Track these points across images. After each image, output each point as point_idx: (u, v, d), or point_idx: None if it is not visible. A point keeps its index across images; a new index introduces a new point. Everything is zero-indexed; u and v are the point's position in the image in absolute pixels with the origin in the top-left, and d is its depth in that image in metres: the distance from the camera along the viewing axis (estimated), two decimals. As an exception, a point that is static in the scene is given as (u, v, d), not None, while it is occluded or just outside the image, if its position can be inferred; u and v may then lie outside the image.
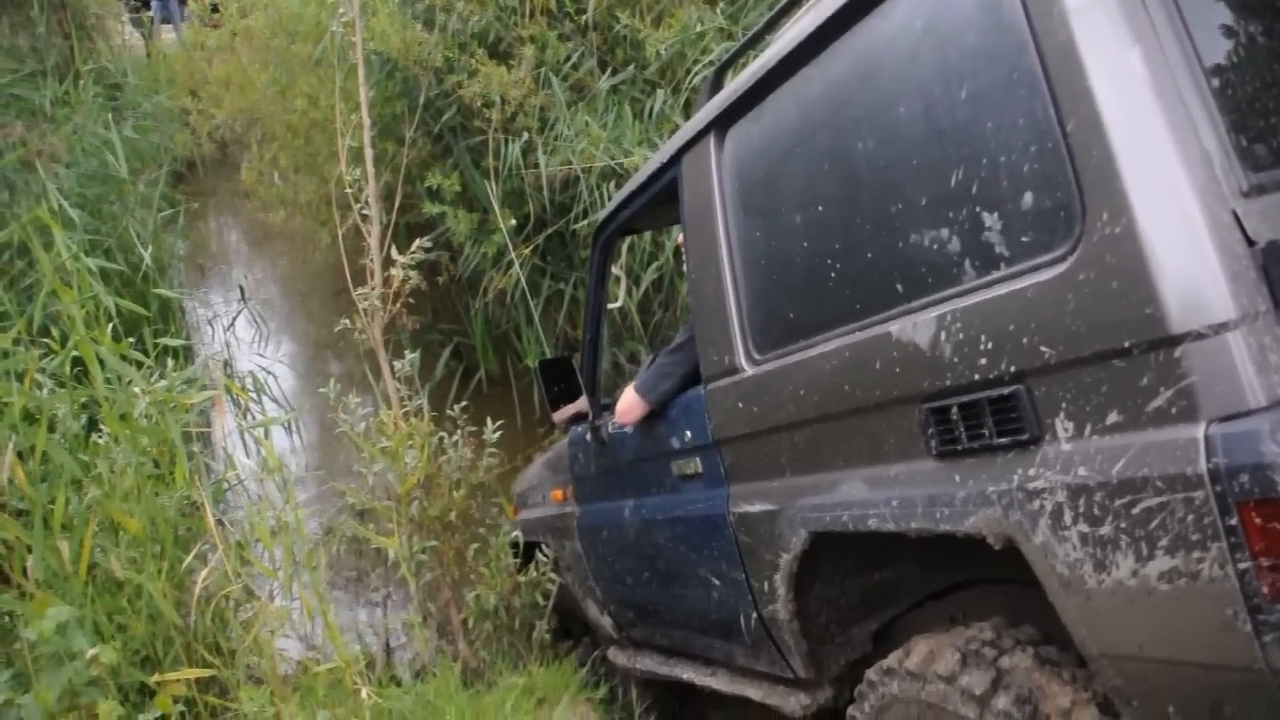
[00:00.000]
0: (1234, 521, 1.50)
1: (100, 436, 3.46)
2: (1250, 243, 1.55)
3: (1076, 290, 1.70)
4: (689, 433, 3.03)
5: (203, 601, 3.20)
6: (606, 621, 3.96)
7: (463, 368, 7.40)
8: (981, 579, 2.53)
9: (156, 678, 2.80)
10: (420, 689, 3.59)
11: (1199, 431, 1.54)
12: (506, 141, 6.37)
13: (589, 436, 3.74)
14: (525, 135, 6.29)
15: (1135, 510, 1.64)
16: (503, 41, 6.53)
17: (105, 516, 3.27)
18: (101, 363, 3.44)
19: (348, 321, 4.58)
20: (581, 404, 3.83)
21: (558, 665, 4.02)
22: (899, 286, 2.12)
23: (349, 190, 4.76)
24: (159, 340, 4.15)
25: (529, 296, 6.35)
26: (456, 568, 4.41)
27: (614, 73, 6.31)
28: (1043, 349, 1.78)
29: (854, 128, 2.25)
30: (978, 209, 1.90)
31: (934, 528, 2.04)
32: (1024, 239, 1.83)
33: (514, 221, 6.26)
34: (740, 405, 2.71)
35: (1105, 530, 1.70)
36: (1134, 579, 1.67)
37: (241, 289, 8.86)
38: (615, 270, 4.06)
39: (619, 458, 3.58)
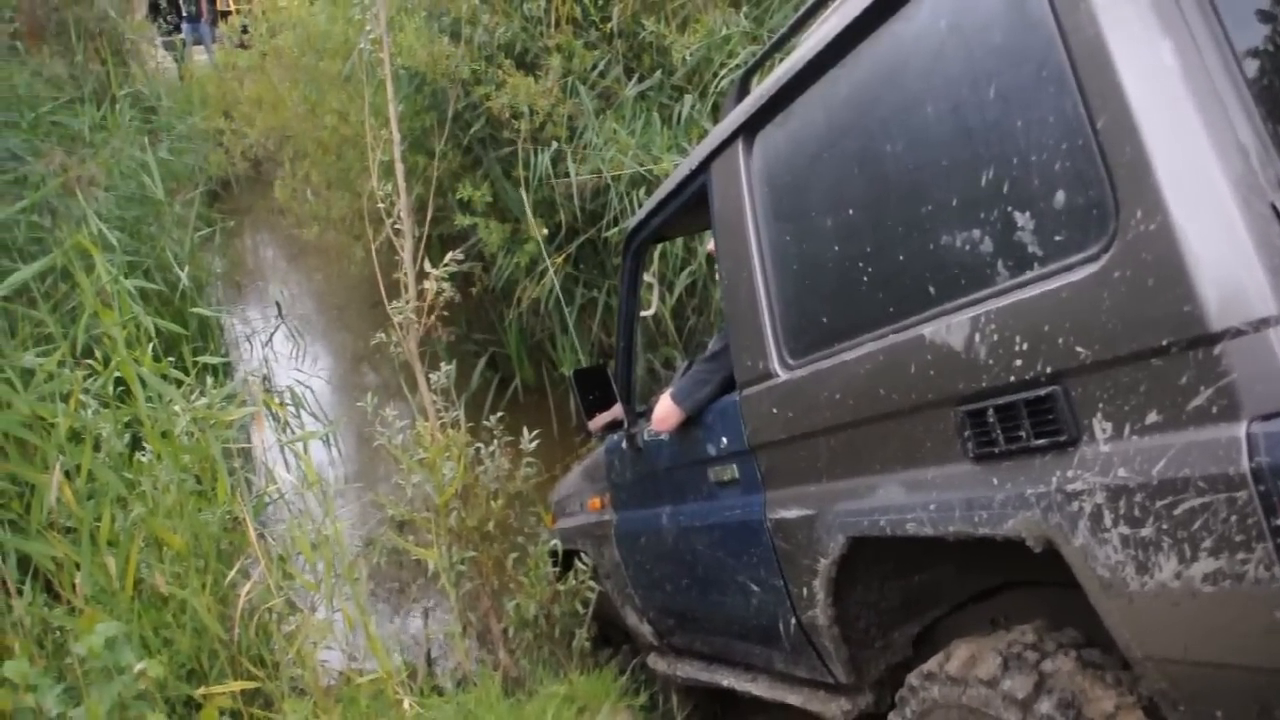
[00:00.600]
0: (1279, 522, 1.46)
1: (143, 454, 3.52)
2: None
3: (1112, 289, 1.67)
4: (725, 439, 3.02)
5: (246, 615, 3.23)
6: (646, 629, 3.96)
7: (498, 378, 7.43)
8: (1022, 582, 2.49)
9: (202, 690, 2.84)
10: (461, 699, 3.61)
11: (1241, 430, 1.50)
12: (536, 151, 6.40)
13: (625, 444, 3.74)
14: (554, 144, 6.32)
15: (1177, 511, 1.61)
16: (529, 52, 6.57)
17: (150, 533, 3.32)
18: (143, 382, 3.49)
19: (383, 335, 4.62)
20: (617, 412, 3.84)
21: (598, 673, 4.02)
22: (931, 289, 2.10)
23: (381, 204, 4.80)
24: (198, 358, 4.20)
25: (563, 305, 6.38)
26: (496, 577, 4.43)
27: (641, 79, 6.33)
28: (1079, 349, 1.75)
29: (882, 129, 2.23)
30: (1009, 209, 1.88)
31: (973, 531, 2.03)
32: (1057, 238, 1.80)
33: (546, 231, 6.29)
34: (775, 411, 2.70)
35: (1146, 532, 1.67)
36: (1177, 581, 1.64)
37: (278, 305, 8.97)
38: (647, 277, 4.03)
39: (655, 465, 3.57)
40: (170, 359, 3.80)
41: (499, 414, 4.66)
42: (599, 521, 4.08)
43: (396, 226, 4.82)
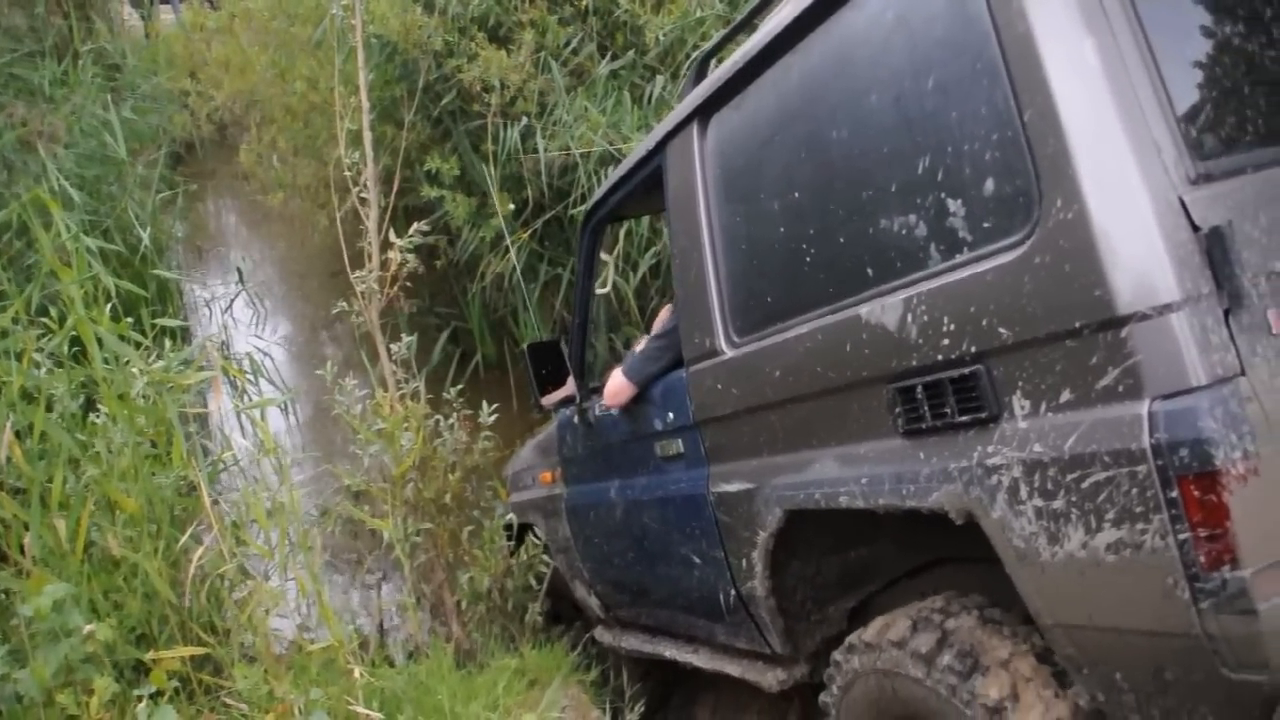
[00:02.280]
0: (1174, 494, 1.57)
1: (98, 416, 3.48)
2: (1195, 229, 1.62)
3: (1032, 273, 1.76)
4: (671, 414, 3.10)
5: (198, 581, 3.22)
6: (594, 601, 4.02)
7: (460, 351, 7.42)
8: (953, 557, 2.57)
9: (152, 655, 2.82)
10: (413, 670, 3.62)
11: (1143, 408, 1.61)
12: (505, 126, 6.37)
13: (576, 419, 3.79)
14: (524, 120, 6.29)
15: (1085, 484, 1.71)
16: (502, 26, 6.53)
17: (102, 495, 3.29)
18: (100, 342, 3.45)
19: (345, 304, 4.60)
20: (569, 387, 3.88)
21: (550, 648, 4.05)
22: (869, 270, 2.18)
23: (347, 173, 4.76)
24: (157, 321, 4.15)
25: (526, 281, 6.36)
26: (450, 550, 4.43)
27: (614, 58, 6.31)
28: (1001, 330, 1.84)
29: (829, 116, 2.30)
30: (943, 195, 1.96)
31: (900, 504, 2.11)
32: (985, 224, 1.89)
33: (512, 206, 6.27)
34: (720, 387, 2.78)
35: (1058, 504, 1.77)
36: (1083, 551, 1.74)
37: (239, 271, 8.87)
38: (604, 256, 4.13)
39: (605, 440, 3.64)
40: (129, 321, 3.74)
41: (459, 387, 4.65)
42: (550, 496, 4.14)
43: (362, 195, 4.78)
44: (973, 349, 1.91)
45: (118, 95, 8.89)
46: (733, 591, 2.90)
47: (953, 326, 1.95)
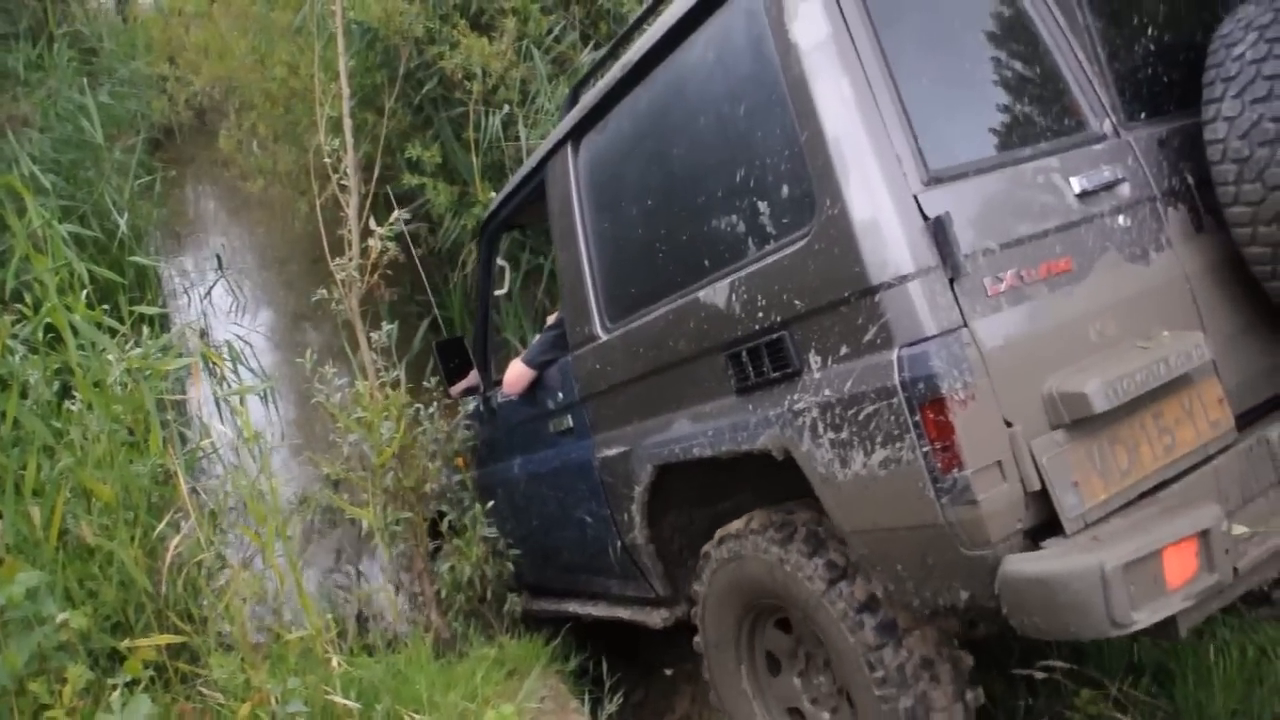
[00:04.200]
0: (917, 418, 2.06)
1: (73, 403, 3.44)
2: (925, 218, 2.11)
3: (814, 256, 2.26)
4: (561, 394, 3.58)
5: (174, 569, 3.19)
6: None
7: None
8: (798, 497, 2.87)
9: (127, 643, 2.80)
10: (391, 659, 3.60)
11: (893, 355, 2.11)
12: (487, 114, 6.34)
13: (481, 406, 4.31)
14: (506, 108, 6.26)
15: (860, 417, 2.19)
16: (484, 13, 6.49)
17: (77, 483, 3.26)
18: (75, 330, 3.41)
19: (325, 292, 4.56)
20: (473, 378, 4.38)
21: (529, 638, 4.04)
22: (705, 261, 2.67)
23: (328, 160, 4.72)
24: (134, 308, 4.11)
25: (508, 270, 6.33)
26: (433, 539, 4.42)
27: (596, 46, 6.28)
28: (796, 302, 2.33)
29: (669, 136, 2.80)
30: (754, 199, 2.47)
31: (737, 448, 2.58)
32: (784, 220, 2.38)
33: (494, 195, 6.23)
34: (598, 366, 3.26)
35: (844, 435, 2.24)
36: (864, 470, 2.21)
37: (219, 258, 8.80)
38: (500, 261, 4.57)
39: (506, 423, 4.12)
40: (105, 307, 3.70)
41: (439, 376, 4.63)
42: (460, 480, 4.48)
43: (343, 183, 4.74)
44: (778, 319, 2.39)
45: (94, 79, 8.78)
46: (619, 544, 3.36)
47: (764, 302, 2.43)
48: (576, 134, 3.31)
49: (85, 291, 3.73)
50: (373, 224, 4.43)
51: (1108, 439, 2.15)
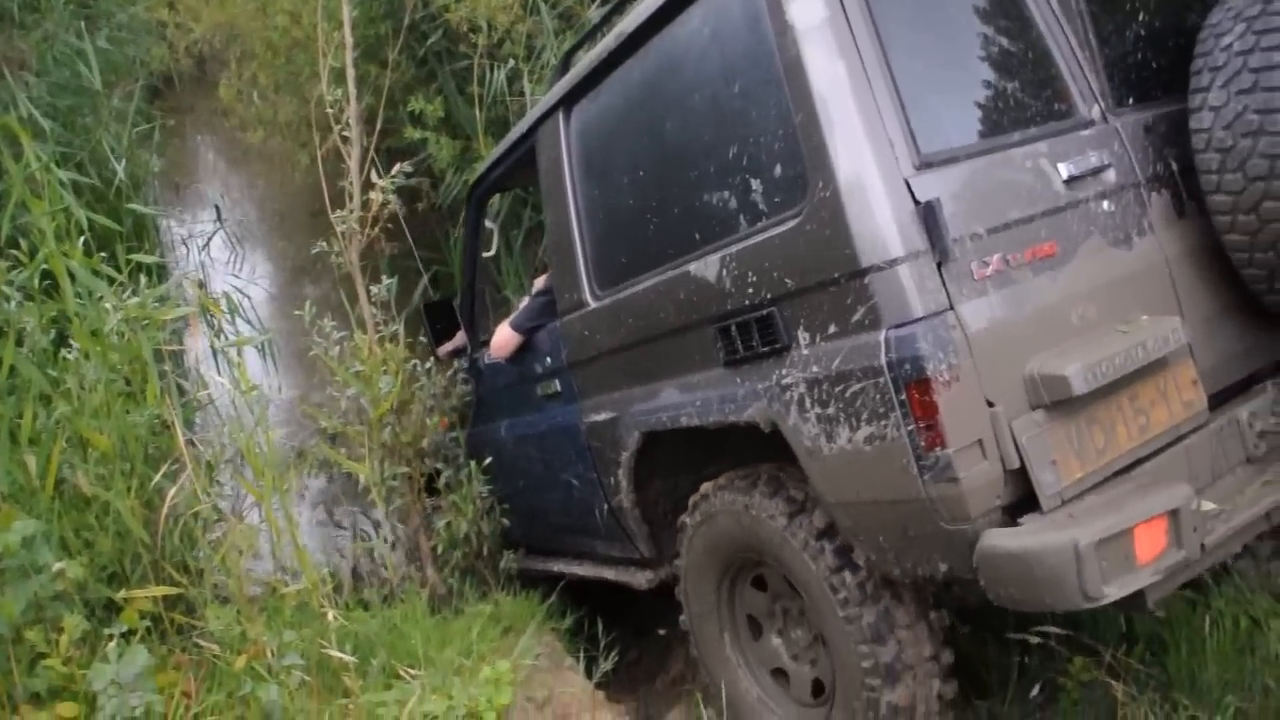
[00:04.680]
0: (903, 397, 2.12)
1: (70, 352, 3.42)
2: (916, 202, 2.15)
3: (805, 237, 2.29)
4: (549, 359, 3.63)
5: (171, 520, 3.19)
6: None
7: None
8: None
9: (123, 594, 2.79)
10: (387, 614, 3.61)
11: (881, 335, 2.16)
12: (492, 68, 6.26)
13: (467, 368, 4.35)
14: (511, 62, 6.18)
15: (847, 394, 2.25)
16: (491, -35, 6.37)
17: (74, 432, 3.24)
18: (72, 277, 3.38)
19: (325, 245, 4.52)
20: (461, 340, 4.43)
21: (524, 595, 4.06)
22: (696, 235, 2.70)
23: (330, 111, 4.66)
24: (132, 256, 4.06)
25: (509, 227, 6.29)
26: (428, 495, 4.42)
27: (604, 3, 6.19)
28: (786, 280, 2.37)
29: (663, 110, 2.81)
30: (747, 176, 2.49)
31: (724, 419, 2.64)
32: (775, 199, 2.41)
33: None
34: (587, 333, 3.29)
35: (831, 410, 2.30)
36: (850, 444, 2.28)
37: (217, 208, 8.73)
38: (488, 223, 4.64)
39: (493, 384, 4.18)
40: (103, 256, 3.66)
41: (426, 337, 4.62)
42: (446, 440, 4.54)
43: (344, 134, 4.69)
44: (768, 295, 2.43)
45: (92, 24, 8.63)
46: (605, 506, 3.43)
47: (754, 278, 2.47)
48: (568, 101, 3.31)
49: (83, 239, 3.70)
50: (374, 177, 4.38)
51: (1085, 420, 2.22)
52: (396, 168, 4.40)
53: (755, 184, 2.46)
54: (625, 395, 3.15)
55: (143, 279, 3.83)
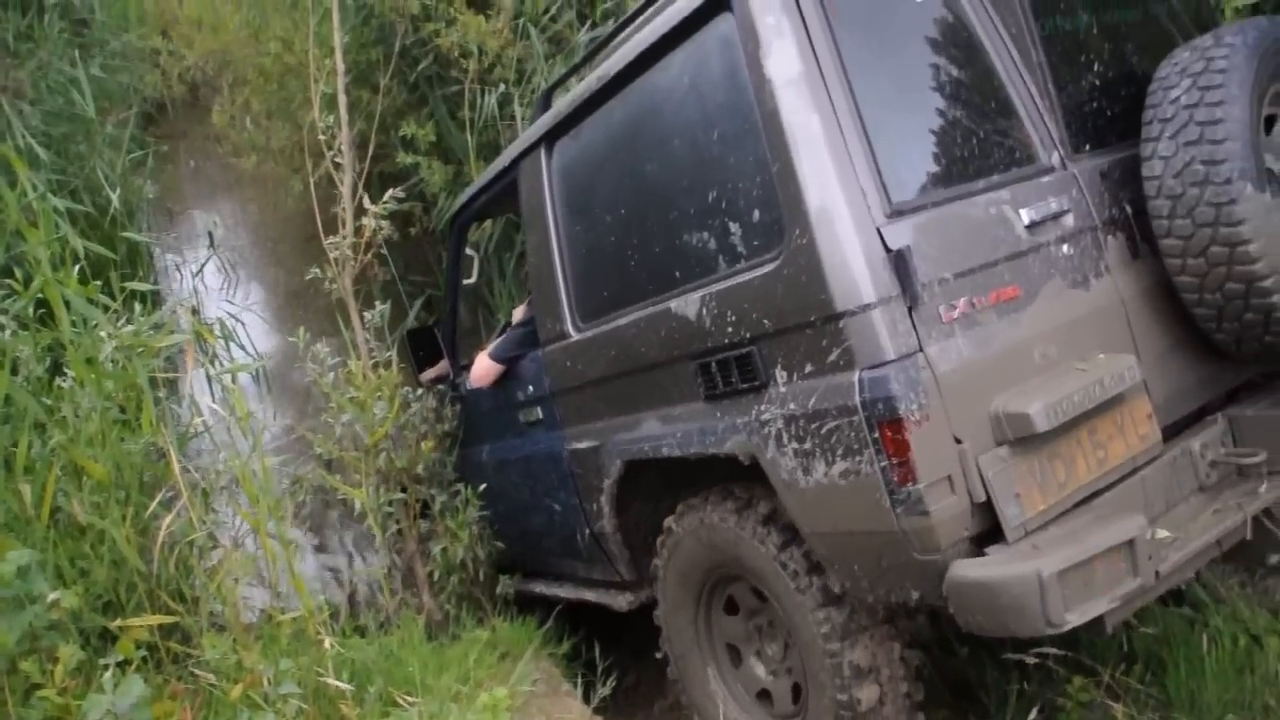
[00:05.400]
0: (876, 435, 2.22)
1: (65, 380, 3.42)
2: (887, 250, 2.25)
3: (783, 281, 2.39)
4: (531, 387, 3.70)
5: (167, 548, 3.18)
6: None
7: (434, 320, 7.34)
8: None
9: (119, 623, 2.79)
10: (384, 640, 3.60)
11: (855, 376, 2.26)
12: (483, 93, 6.28)
13: (450, 393, 4.41)
14: (502, 87, 6.20)
15: (823, 431, 2.36)
16: (482, -10, 6.42)
17: (69, 461, 3.24)
18: (67, 305, 3.38)
19: (318, 270, 4.53)
20: (443, 366, 4.52)
21: (521, 620, 4.04)
22: (676, 272, 2.80)
23: (322, 137, 4.68)
24: (126, 284, 4.06)
25: (501, 251, 6.30)
26: (422, 520, 4.41)
27: (593, 26, 6.23)
28: (765, 321, 2.47)
29: (644, 151, 2.91)
30: (726, 220, 2.59)
31: (704, 451, 2.75)
32: (754, 243, 2.52)
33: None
34: (569, 363, 3.39)
35: (808, 446, 2.41)
36: (825, 478, 2.38)
37: (211, 235, 8.73)
38: (469, 251, 4.68)
39: (476, 409, 4.25)
40: (97, 284, 3.66)
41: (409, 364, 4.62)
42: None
43: (336, 160, 4.70)
44: (748, 334, 2.53)
45: (86, 52, 8.65)
46: (587, 530, 3.53)
47: (734, 318, 2.57)
48: (550, 138, 3.40)
49: (78, 267, 3.70)
50: (366, 202, 4.39)
51: (1047, 454, 2.34)
52: (388, 193, 4.42)
53: (734, 227, 2.57)
54: (607, 425, 3.24)
55: (137, 306, 3.83)
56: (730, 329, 2.58)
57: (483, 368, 3.94)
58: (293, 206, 7.93)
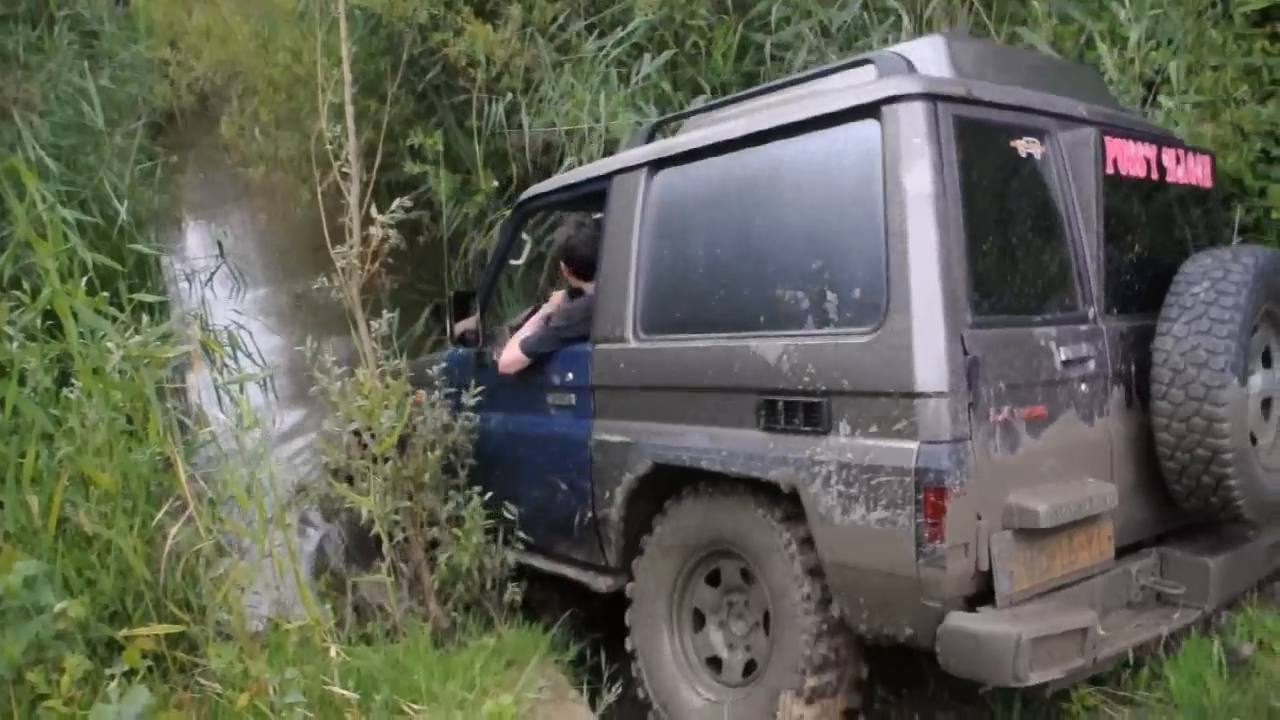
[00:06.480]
0: (920, 497, 2.65)
1: (72, 391, 3.43)
2: (966, 353, 2.68)
3: (872, 352, 2.79)
4: (571, 375, 3.98)
5: (173, 558, 3.19)
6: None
7: (442, 328, 7.34)
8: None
9: (125, 633, 2.79)
10: (390, 649, 3.60)
11: (915, 446, 2.68)
12: (490, 102, 6.31)
13: (474, 358, 4.60)
14: (510, 96, 6.23)
15: (873, 483, 2.77)
16: (489, 0, 6.45)
17: (76, 471, 3.25)
18: (75, 316, 3.39)
19: (326, 280, 4.53)
20: (472, 323, 4.67)
21: (528, 628, 4.04)
22: (761, 319, 3.16)
23: (329, 147, 4.68)
24: (134, 296, 4.08)
25: (528, 244, 6.31)
26: (429, 528, 4.40)
27: (601, 35, 6.25)
28: (844, 381, 2.87)
29: (755, 205, 3.24)
30: (824, 288, 2.97)
31: (749, 473, 3.12)
32: (848, 315, 2.90)
33: (496, 183, 6.21)
34: (621, 365, 3.70)
35: (853, 491, 2.82)
36: (861, 520, 2.79)
37: (219, 244, 8.77)
38: (525, 235, 4.96)
39: (497, 382, 4.41)
40: (105, 295, 3.68)
41: (441, 366, 4.61)
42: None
43: (344, 170, 4.71)
44: (822, 387, 2.92)
45: (95, 63, 8.71)
46: (589, 514, 3.83)
47: (814, 370, 2.94)
48: (655, 165, 3.69)
49: (86, 278, 3.72)
50: (374, 212, 4.40)
51: (1039, 546, 2.79)
52: (396, 202, 4.41)
53: (830, 295, 2.93)
54: (645, 427, 3.57)
55: (145, 317, 3.85)
56: (807, 379, 2.94)
57: (513, 357, 4.18)
58: (301, 216, 7.97)
